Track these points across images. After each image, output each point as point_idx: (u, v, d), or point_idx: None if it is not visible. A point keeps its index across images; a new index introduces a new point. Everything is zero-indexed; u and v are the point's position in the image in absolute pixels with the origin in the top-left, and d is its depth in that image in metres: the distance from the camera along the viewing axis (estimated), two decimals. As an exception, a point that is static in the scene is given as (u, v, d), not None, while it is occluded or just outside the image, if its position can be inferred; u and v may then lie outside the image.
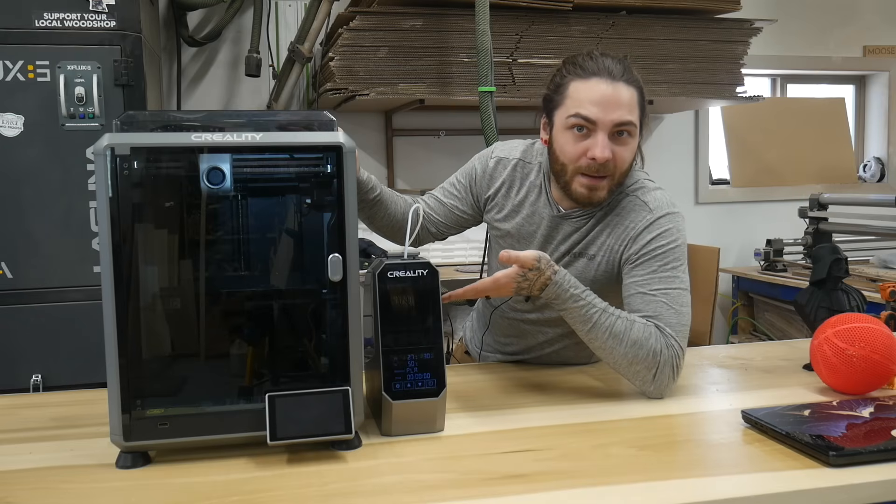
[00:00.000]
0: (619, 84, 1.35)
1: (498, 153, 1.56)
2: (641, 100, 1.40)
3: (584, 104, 1.35)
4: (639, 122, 1.39)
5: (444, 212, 1.59)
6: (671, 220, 1.40)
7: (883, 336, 1.33)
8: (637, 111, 1.38)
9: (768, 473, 1.02)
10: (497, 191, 1.54)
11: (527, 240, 1.51)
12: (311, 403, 1.09)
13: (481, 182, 1.56)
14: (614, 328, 1.30)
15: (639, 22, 3.13)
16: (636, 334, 1.30)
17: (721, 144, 4.20)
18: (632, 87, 1.37)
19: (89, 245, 2.36)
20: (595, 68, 1.37)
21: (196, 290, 1.13)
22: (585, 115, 1.35)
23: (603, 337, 1.31)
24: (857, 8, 4.22)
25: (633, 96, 1.37)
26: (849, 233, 3.27)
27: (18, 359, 2.34)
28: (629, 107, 1.36)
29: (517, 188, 1.53)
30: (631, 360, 1.31)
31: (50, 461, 1.11)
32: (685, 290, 1.38)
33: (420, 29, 2.88)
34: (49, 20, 2.32)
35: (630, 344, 1.30)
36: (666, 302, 1.34)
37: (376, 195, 1.48)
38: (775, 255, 3.68)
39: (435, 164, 3.53)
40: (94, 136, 2.17)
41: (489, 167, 1.55)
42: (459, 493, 0.98)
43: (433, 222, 1.59)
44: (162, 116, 1.14)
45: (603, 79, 1.36)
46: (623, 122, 1.35)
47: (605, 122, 1.34)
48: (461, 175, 1.60)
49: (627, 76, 1.37)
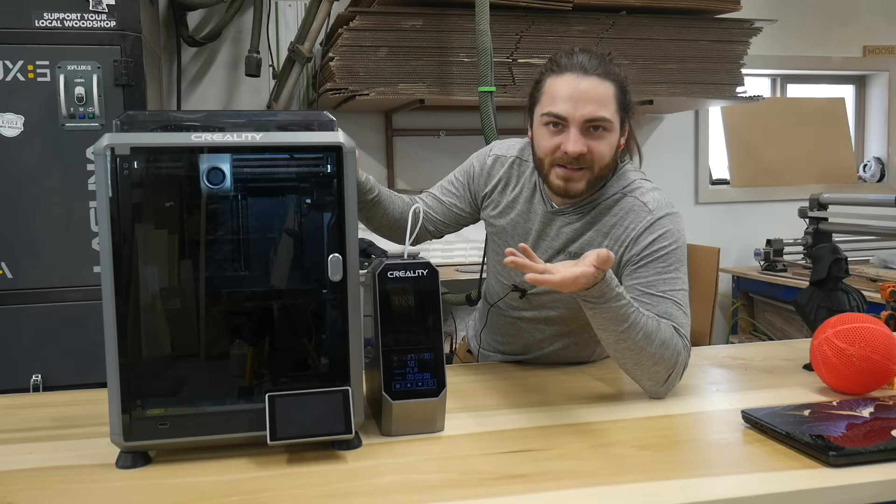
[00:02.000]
0: (591, 78, 1.34)
1: (496, 151, 1.57)
2: (620, 94, 1.38)
3: (555, 101, 1.35)
4: (617, 116, 1.37)
5: (442, 210, 1.59)
6: (671, 221, 1.40)
7: (883, 336, 1.33)
8: (613, 105, 1.36)
9: (768, 473, 1.02)
10: (494, 188, 1.55)
11: (521, 236, 1.51)
12: (311, 403, 1.09)
13: (479, 179, 1.56)
14: (647, 327, 1.28)
15: (639, 22, 3.13)
16: (664, 334, 1.29)
17: (721, 144, 4.20)
18: (607, 81, 1.36)
19: (89, 245, 2.36)
20: (569, 64, 1.36)
21: (196, 290, 1.13)
22: (556, 113, 1.35)
23: (636, 336, 1.27)
24: (857, 8, 4.22)
25: (608, 90, 1.35)
26: (849, 233, 3.27)
27: (18, 359, 2.34)
28: (602, 101, 1.34)
29: (513, 185, 1.53)
30: (657, 360, 1.30)
31: (50, 461, 1.11)
32: (686, 291, 1.38)
33: (420, 29, 2.88)
34: (49, 20, 2.32)
35: (659, 344, 1.29)
36: (672, 303, 1.34)
37: (374, 196, 1.49)
38: (775, 255, 3.68)
39: (435, 164, 3.53)
40: (94, 136, 2.17)
41: (487, 164, 1.56)
42: (459, 493, 0.98)
43: (431, 220, 1.59)
44: (162, 116, 1.14)
45: (575, 74, 1.35)
46: (593, 118, 1.34)
47: (576, 117, 1.34)
48: (459, 173, 1.60)
49: (602, 70, 1.36)
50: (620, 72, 1.40)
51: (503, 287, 1.58)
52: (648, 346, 1.28)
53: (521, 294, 1.54)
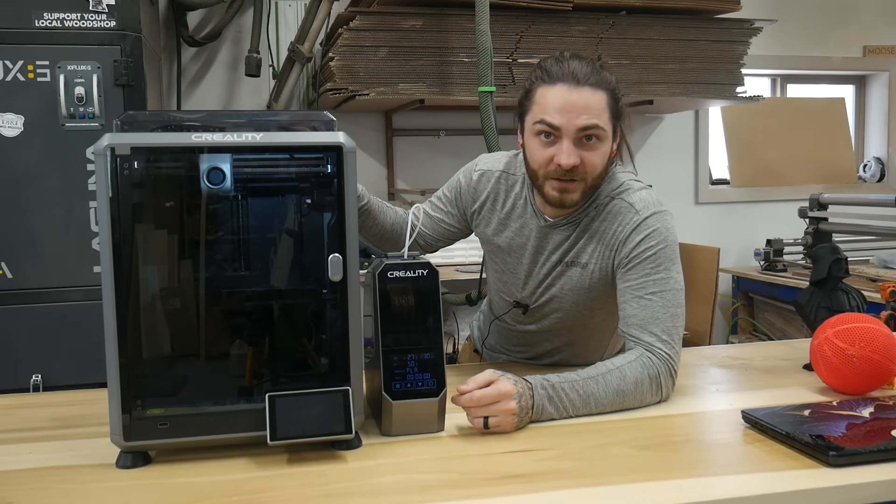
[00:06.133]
0: (583, 89, 1.32)
1: (481, 166, 1.55)
2: (613, 102, 1.36)
3: (548, 110, 1.33)
4: (609, 124, 1.36)
5: (431, 225, 1.58)
6: (658, 220, 1.38)
7: (883, 336, 1.33)
8: (606, 114, 1.34)
9: (768, 473, 1.02)
10: (483, 204, 1.53)
11: (518, 252, 1.50)
12: (311, 403, 1.09)
13: (466, 196, 1.55)
14: (612, 386, 1.27)
15: (639, 22, 3.13)
16: (632, 374, 1.29)
17: (721, 144, 4.20)
18: (599, 91, 1.34)
19: (89, 245, 2.36)
20: (560, 73, 1.34)
21: (196, 290, 1.13)
22: (549, 122, 1.33)
23: (610, 398, 1.27)
24: (857, 8, 4.22)
25: (601, 100, 1.34)
26: (849, 233, 3.27)
27: (18, 359, 2.34)
28: (596, 111, 1.33)
29: (502, 200, 1.51)
30: (640, 399, 1.30)
31: (50, 461, 1.11)
32: (679, 290, 1.37)
33: (420, 29, 2.88)
34: (49, 20, 2.32)
35: (634, 386, 1.29)
36: (662, 305, 1.34)
37: (364, 204, 1.47)
38: (775, 255, 3.68)
39: (435, 164, 3.53)
40: (94, 136, 2.17)
41: (473, 180, 1.54)
42: (459, 493, 0.98)
43: (422, 235, 1.57)
44: (162, 116, 1.14)
45: (567, 84, 1.32)
46: (587, 127, 1.32)
47: (570, 128, 1.32)
48: (447, 189, 1.59)
49: (594, 79, 1.34)
50: (612, 78, 1.38)
51: (506, 303, 1.57)
52: (624, 398, 1.28)
53: (523, 310, 1.54)
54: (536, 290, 1.50)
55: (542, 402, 1.22)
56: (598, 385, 1.27)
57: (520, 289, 1.52)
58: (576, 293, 1.46)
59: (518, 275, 1.51)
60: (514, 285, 1.53)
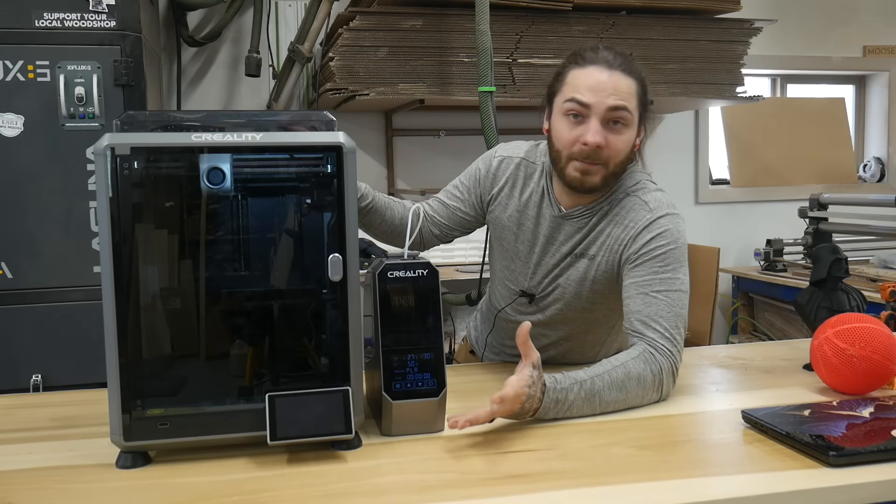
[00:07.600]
0: (615, 72, 1.36)
1: (501, 152, 1.57)
2: (641, 92, 1.40)
3: (579, 89, 1.37)
4: (636, 112, 1.39)
5: (447, 214, 1.59)
6: (671, 221, 1.40)
7: (883, 336, 1.33)
8: (634, 101, 1.38)
9: (768, 473, 1.02)
10: (501, 189, 1.54)
11: (530, 241, 1.51)
12: (311, 403, 1.09)
13: (485, 182, 1.56)
14: (616, 382, 1.27)
15: (639, 22, 3.13)
16: (635, 370, 1.29)
17: (721, 144, 4.20)
18: (630, 77, 1.38)
19: (89, 245, 2.36)
20: (593, 58, 1.39)
21: (196, 290, 1.13)
22: (579, 99, 1.36)
23: (614, 395, 1.27)
24: (857, 8, 4.22)
25: (630, 86, 1.37)
26: (849, 233, 3.27)
27: (18, 359, 2.34)
28: (625, 94, 1.36)
29: (521, 187, 1.52)
30: (642, 396, 1.30)
31: (50, 461, 1.11)
32: (684, 293, 1.37)
33: (420, 29, 2.88)
34: (49, 20, 2.32)
35: (636, 382, 1.29)
36: (667, 304, 1.34)
37: (368, 203, 1.48)
38: (775, 255, 3.68)
39: (435, 164, 3.53)
40: (94, 136, 2.17)
41: (493, 166, 1.55)
42: (459, 493, 0.98)
43: (436, 224, 1.59)
44: (162, 116, 1.14)
45: (600, 66, 1.37)
46: (616, 108, 1.35)
47: (599, 106, 1.35)
48: (464, 177, 1.60)
49: (626, 66, 1.38)
50: (642, 71, 1.42)
51: (511, 292, 1.57)
52: (628, 394, 1.28)
53: (529, 299, 1.54)
54: (544, 280, 1.51)
55: (548, 404, 1.22)
56: (604, 382, 1.27)
57: (528, 277, 1.52)
58: (579, 284, 1.47)
59: (528, 263, 1.52)
60: (523, 274, 1.53)
